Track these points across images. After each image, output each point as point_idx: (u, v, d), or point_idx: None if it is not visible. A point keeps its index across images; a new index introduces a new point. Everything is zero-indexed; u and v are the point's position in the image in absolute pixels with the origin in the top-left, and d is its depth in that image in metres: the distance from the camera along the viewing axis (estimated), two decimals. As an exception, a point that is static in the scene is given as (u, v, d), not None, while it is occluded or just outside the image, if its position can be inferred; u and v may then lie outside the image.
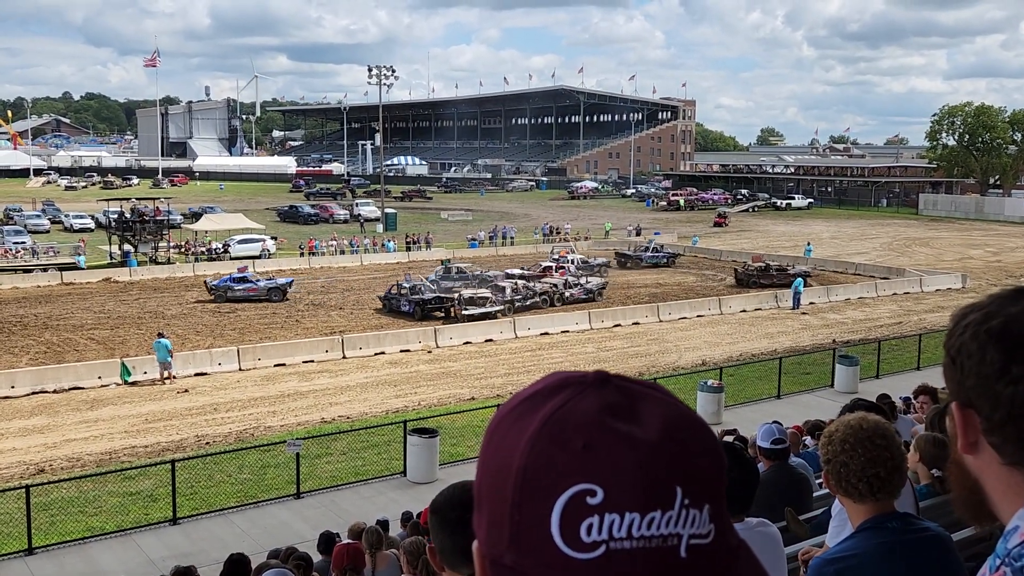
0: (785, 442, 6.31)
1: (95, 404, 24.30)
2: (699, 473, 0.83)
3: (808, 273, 44.76)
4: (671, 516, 0.80)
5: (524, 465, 0.81)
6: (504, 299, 37.53)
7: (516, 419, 0.85)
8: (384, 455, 19.58)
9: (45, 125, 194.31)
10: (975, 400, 1.17)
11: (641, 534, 0.79)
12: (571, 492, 0.79)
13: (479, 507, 0.86)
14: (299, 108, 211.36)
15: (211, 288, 39.78)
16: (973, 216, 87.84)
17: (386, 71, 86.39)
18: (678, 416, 0.85)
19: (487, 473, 0.85)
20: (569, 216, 79.02)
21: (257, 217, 65.30)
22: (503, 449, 0.84)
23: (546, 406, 0.84)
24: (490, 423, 0.88)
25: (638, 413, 0.83)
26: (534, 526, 0.80)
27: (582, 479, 0.79)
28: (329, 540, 10.44)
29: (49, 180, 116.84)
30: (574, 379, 0.86)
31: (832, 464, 2.78)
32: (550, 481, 0.80)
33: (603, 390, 0.85)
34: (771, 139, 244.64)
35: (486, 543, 0.84)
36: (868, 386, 23.08)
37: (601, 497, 0.78)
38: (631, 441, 0.81)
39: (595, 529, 0.78)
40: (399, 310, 36.78)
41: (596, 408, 0.83)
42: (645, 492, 0.79)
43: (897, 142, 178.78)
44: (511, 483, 0.81)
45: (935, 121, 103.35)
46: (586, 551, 0.78)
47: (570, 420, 0.82)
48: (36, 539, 15.00)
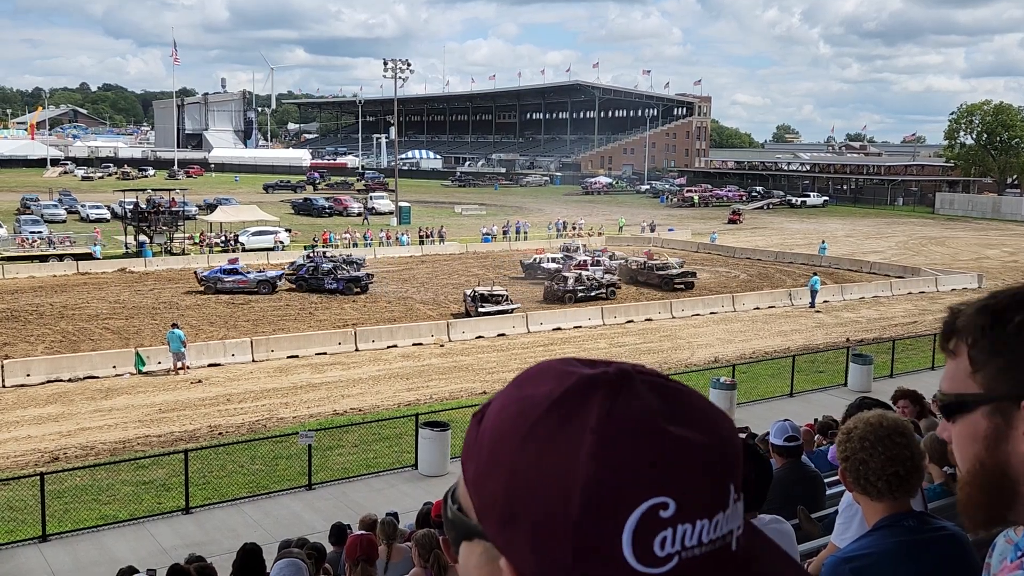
0: (799, 440, 6.28)
1: (109, 393, 24.43)
2: (739, 467, 0.82)
3: (690, 273, 43.70)
4: (729, 514, 0.79)
5: (587, 482, 0.76)
6: (566, 289, 38.32)
7: (557, 426, 0.79)
8: (396, 448, 19.61)
9: (62, 116, 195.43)
10: None
11: (710, 538, 0.77)
12: (644, 508, 0.76)
13: (514, 521, 0.79)
14: (314, 101, 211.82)
15: (201, 279, 39.71)
16: (990, 216, 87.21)
17: (402, 65, 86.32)
18: (711, 410, 0.83)
19: (526, 486, 0.79)
20: (583, 212, 78.83)
21: (272, 209, 65.49)
22: (550, 461, 0.78)
23: (589, 413, 0.79)
24: (514, 426, 0.81)
25: (682, 414, 0.81)
26: (602, 544, 0.76)
27: (653, 493, 0.76)
28: (341, 531, 10.47)
29: (66, 170, 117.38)
30: (600, 379, 0.81)
31: (850, 461, 2.76)
32: (619, 497, 0.76)
33: (639, 389, 0.81)
34: (787, 136, 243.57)
35: (533, 562, 0.79)
36: (882, 385, 22.93)
37: (673, 509, 0.76)
38: (690, 446, 0.79)
39: (668, 542, 0.76)
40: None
41: (647, 413, 0.79)
42: (712, 497, 0.78)
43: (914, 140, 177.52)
44: (573, 500, 0.76)
45: (953, 120, 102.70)
46: (659, 565, 0.76)
47: (626, 429, 0.78)
48: (50, 526, 15.10)
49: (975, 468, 1.22)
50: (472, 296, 35.61)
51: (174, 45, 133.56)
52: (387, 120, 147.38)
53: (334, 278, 39.92)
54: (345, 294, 39.34)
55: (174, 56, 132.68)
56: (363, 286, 40.27)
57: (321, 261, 41.34)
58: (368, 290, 40.28)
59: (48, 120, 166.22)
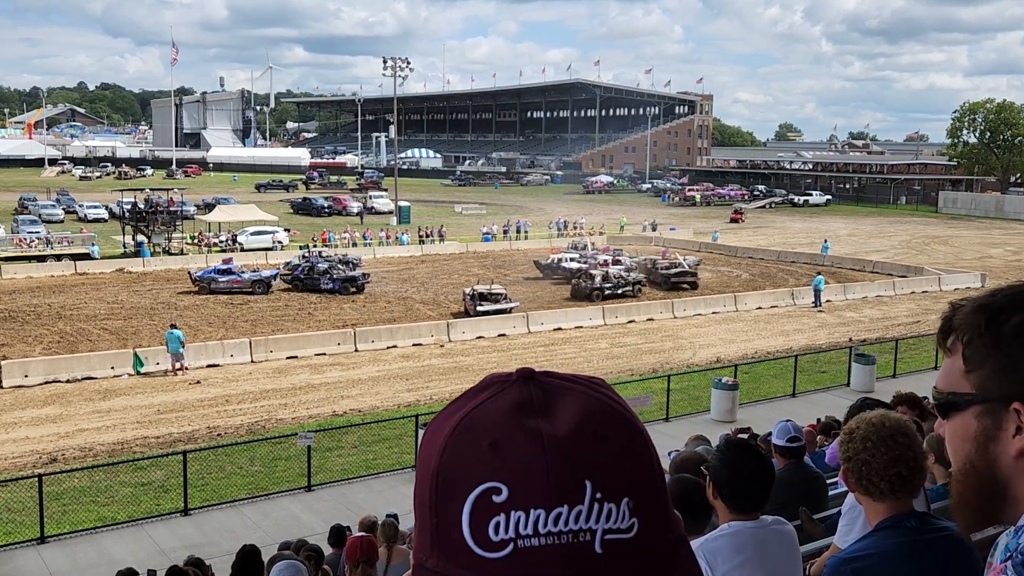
0: (801, 440, 6.23)
1: (108, 394, 24.38)
2: (614, 467, 0.81)
3: (689, 273, 43.32)
4: (581, 511, 0.78)
5: (437, 468, 0.81)
6: (594, 286, 38.63)
7: (442, 421, 0.84)
8: (395, 449, 19.57)
9: (60, 115, 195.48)
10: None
11: (548, 530, 0.78)
12: (477, 492, 0.79)
13: (414, 512, 0.85)
14: (313, 100, 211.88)
15: (195, 279, 39.58)
16: (993, 214, 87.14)
17: (401, 63, 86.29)
18: (596, 410, 0.83)
19: (416, 478, 0.85)
20: (584, 211, 78.81)
21: (271, 209, 65.47)
22: (426, 452, 0.84)
23: (466, 407, 0.84)
24: (426, 427, 0.89)
25: (552, 408, 0.82)
26: (449, 528, 0.80)
27: (488, 477, 0.79)
28: (340, 533, 10.42)
29: (63, 170, 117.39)
30: (500, 378, 0.85)
31: (853, 462, 2.77)
32: (459, 482, 0.80)
33: (523, 387, 0.83)
34: (789, 135, 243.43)
35: (416, 547, 0.84)
36: (884, 385, 22.88)
37: (506, 495, 0.78)
38: (536, 437, 0.80)
39: (502, 527, 0.78)
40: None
41: (509, 406, 0.82)
42: (549, 488, 0.78)
43: (917, 139, 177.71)
44: (429, 485, 0.81)
45: (956, 118, 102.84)
46: (495, 550, 0.78)
47: (481, 420, 0.82)
48: (48, 528, 15.07)
49: (966, 468, 1.22)
50: (471, 295, 35.58)
51: (173, 45, 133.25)
52: (387, 119, 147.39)
53: (330, 278, 39.88)
54: (341, 294, 39.29)
55: (174, 56, 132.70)
56: (359, 286, 40.21)
57: (317, 261, 41.28)
58: (364, 290, 40.21)
59: (46, 119, 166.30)
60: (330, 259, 41.99)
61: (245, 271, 40.85)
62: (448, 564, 0.80)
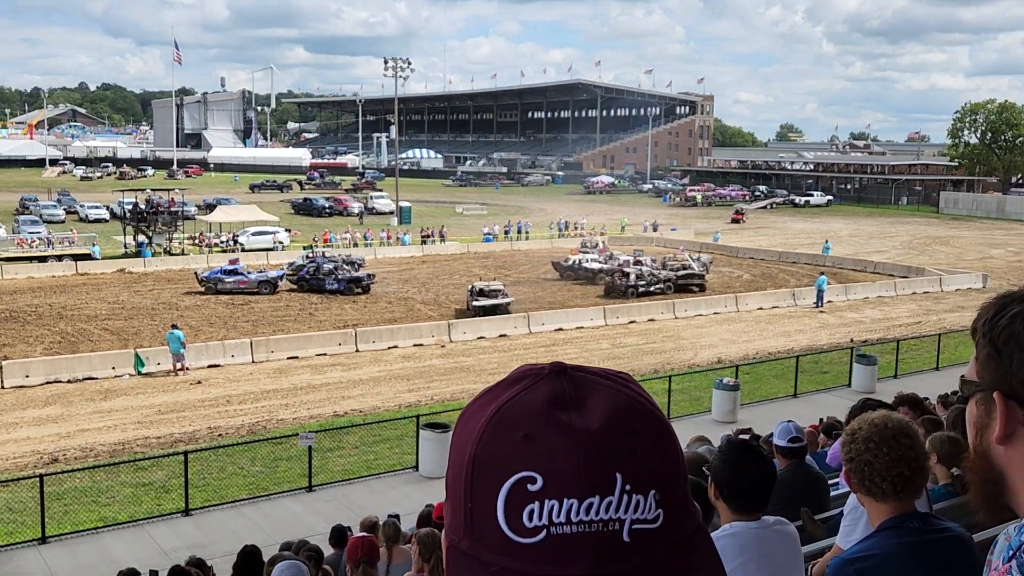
0: (803, 440, 6.22)
1: (108, 394, 24.39)
2: (642, 460, 0.85)
3: (697, 275, 43.08)
4: (611, 501, 0.83)
5: (474, 455, 0.85)
6: (628, 284, 39.27)
7: (476, 410, 0.89)
8: (396, 449, 19.57)
9: (61, 115, 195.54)
10: (1022, 390, 1.16)
11: (580, 519, 0.82)
12: (513, 480, 0.83)
13: (445, 497, 0.90)
14: (314, 100, 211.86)
15: (202, 280, 39.60)
16: (995, 215, 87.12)
17: (402, 63, 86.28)
18: (625, 405, 0.87)
19: (450, 464, 0.89)
20: (585, 211, 78.85)
21: (271, 209, 65.48)
22: (461, 439, 0.88)
23: (501, 398, 0.88)
24: (460, 414, 0.92)
25: (584, 402, 0.86)
26: (483, 513, 0.84)
27: (523, 467, 0.83)
28: (341, 533, 10.42)
29: (64, 170, 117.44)
30: (533, 371, 0.89)
31: (855, 463, 2.78)
32: (495, 469, 0.84)
33: (556, 381, 0.87)
34: (790, 135, 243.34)
35: (448, 530, 0.89)
36: (886, 386, 22.90)
37: (540, 484, 0.82)
38: (569, 429, 0.84)
39: (536, 515, 0.82)
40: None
41: (543, 399, 0.86)
42: (582, 478, 0.83)
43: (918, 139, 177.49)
44: (464, 472, 0.86)
45: (957, 118, 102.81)
46: (528, 536, 0.82)
47: (516, 411, 0.86)
48: (49, 528, 15.06)
49: (974, 453, 1.27)
50: (471, 290, 35.99)
51: (175, 45, 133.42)
52: (388, 119, 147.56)
53: (335, 278, 39.92)
54: (346, 294, 39.31)
55: (176, 55, 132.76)
56: (364, 286, 40.24)
57: (323, 261, 41.33)
58: (369, 290, 40.24)
59: (47, 120, 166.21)
60: (335, 260, 42.06)
61: (251, 271, 40.90)
62: (481, 547, 0.83)
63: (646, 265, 42.37)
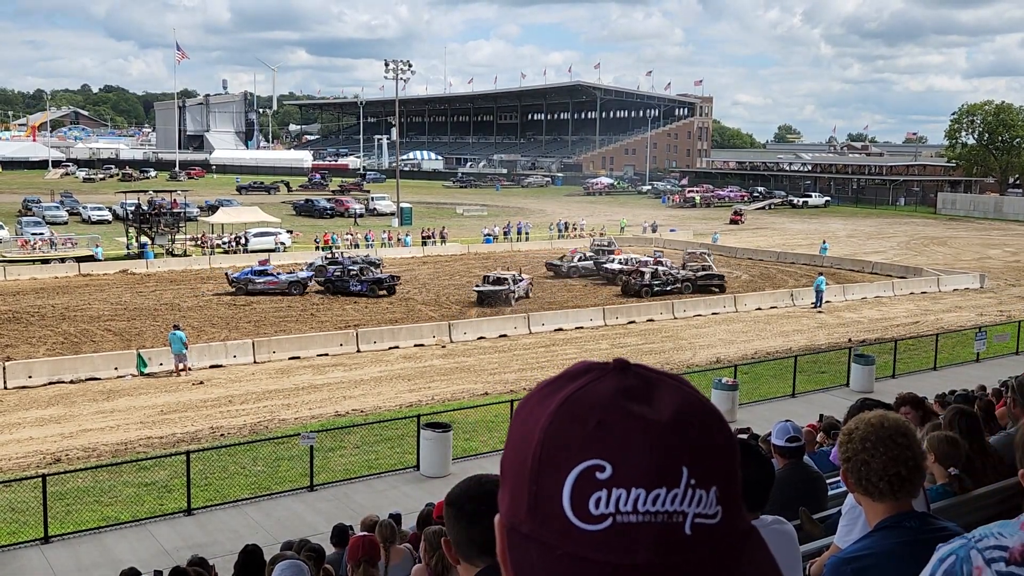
0: (800, 440, 6.26)
1: (111, 395, 24.44)
2: (707, 456, 0.86)
3: (717, 276, 43.22)
4: (676, 494, 0.84)
5: (542, 440, 0.86)
6: (643, 283, 39.60)
7: (541, 399, 0.90)
8: (397, 449, 19.61)
9: (64, 117, 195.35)
10: None
11: (646, 509, 0.83)
12: (582, 467, 0.84)
13: (503, 480, 0.91)
14: (316, 102, 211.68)
15: (232, 280, 39.79)
16: (992, 216, 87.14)
17: (403, 66, 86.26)
18: (691, 403, 0.89)
19: (511, 448, 0.90)
20: (585, 212, 78.85)
21: (273, 210, 65.47)
22: (526, 426, 0.89)
23: (568, 387, 0.89)
24: (519, 404, 0.93)
25: (652, 397, 0.87)
26: (548, 497, 0.85)
27: (593, 455, 0.84)
28: (342, 532, 10.46)
29: (67, 172, 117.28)
30: (597, 365, 0.91)
31: (852, 462, 2.76)
32: (564, 455, 0.85)
33: (622, 375, 0.89)
34: (788, 137, 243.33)
35: (507, 513, 0.89)
36: (884, 386, 22.95)
37: (609, 472, 0.83)
38: (642, 421, 0.85)
39: (603, 502, 0.83)
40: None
41: (613, 390, 0.87)
42: (651, 470, 0.84)
43: (916, 140, 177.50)
44: (531, 456, 0.86)
45: (954, 120, 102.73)
46: (594, 523, 0.83)
47: (587, 399, 0.87)
48: (52, 528, 15.11)
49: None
50: (484, 278, 37.74)
51: (176, 46, 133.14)
52: (388, 121, 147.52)
53: (359, 280, 39.94)
54: (368, 296, 39.31)
55: (180, 54, 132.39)
56: (389, 287, 40.12)
57: (348, 263, 41.39)
58: (394, 291, 40.09)
59: (50, 122, 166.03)
60: (358, 261, 42.15)
61: (281, 272, 40.99)
62: (543, 530, 0.85)
63: (663, 265, 42.55)
